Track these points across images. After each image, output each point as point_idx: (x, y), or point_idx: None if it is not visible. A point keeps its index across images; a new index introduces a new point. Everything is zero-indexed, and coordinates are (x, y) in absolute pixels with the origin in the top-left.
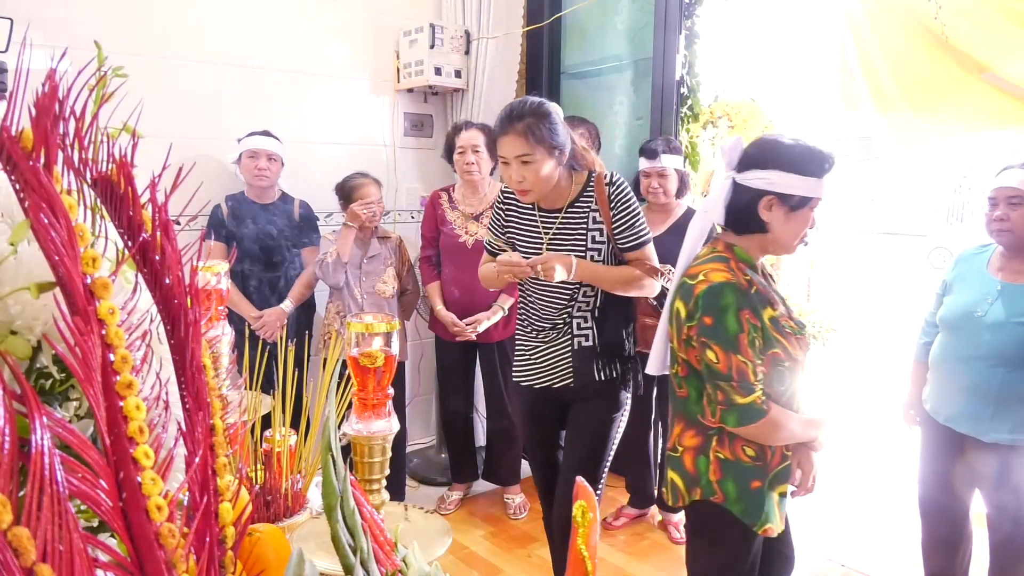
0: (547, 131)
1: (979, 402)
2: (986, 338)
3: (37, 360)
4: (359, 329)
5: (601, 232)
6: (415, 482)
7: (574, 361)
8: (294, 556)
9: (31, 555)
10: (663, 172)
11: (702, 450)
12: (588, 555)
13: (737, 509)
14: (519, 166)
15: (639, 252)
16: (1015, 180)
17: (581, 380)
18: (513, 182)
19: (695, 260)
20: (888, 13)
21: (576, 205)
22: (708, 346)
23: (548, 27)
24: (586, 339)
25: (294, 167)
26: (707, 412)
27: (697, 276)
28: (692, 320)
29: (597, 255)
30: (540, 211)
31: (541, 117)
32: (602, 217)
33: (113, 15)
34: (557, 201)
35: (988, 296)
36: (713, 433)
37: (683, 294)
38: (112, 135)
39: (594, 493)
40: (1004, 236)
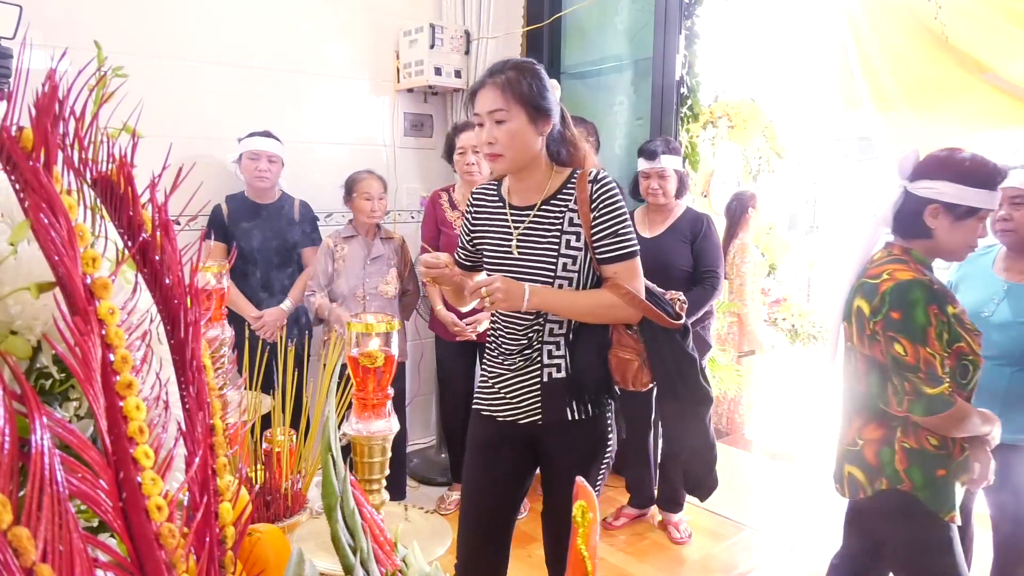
0: (528, 87)
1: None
2: (993, 338)
3: (37, 360)
4: (359, 329)
5: (578, 236)
6: (415, 482)
7: (543, 395)
8: (294, 556)
9: (31, 555)
10: (663, 173)
11: (886, 441)
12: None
13: (924, 496)
14: (492, 125)
15: (621, 266)
16: (1018, 180)
17: (550, 417)
18: (483, 144)
19: (871, 263)
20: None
21: (552, 202)
22: (896, 339)
23: (548, 27)
24: (557, 370)
25: (294, 167)
26: (893, 402)
27: (880, 275)
28: (878, 316)
29: (571, 263)
30: (511, 208)
31: (524, 71)
32: (581, 219)
33: (113, 15)
34: (532, 195)
35: (995, 296)
36: (897, 424)
37: (865, 292)
38: (112, 135)
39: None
40: (1008, 236)
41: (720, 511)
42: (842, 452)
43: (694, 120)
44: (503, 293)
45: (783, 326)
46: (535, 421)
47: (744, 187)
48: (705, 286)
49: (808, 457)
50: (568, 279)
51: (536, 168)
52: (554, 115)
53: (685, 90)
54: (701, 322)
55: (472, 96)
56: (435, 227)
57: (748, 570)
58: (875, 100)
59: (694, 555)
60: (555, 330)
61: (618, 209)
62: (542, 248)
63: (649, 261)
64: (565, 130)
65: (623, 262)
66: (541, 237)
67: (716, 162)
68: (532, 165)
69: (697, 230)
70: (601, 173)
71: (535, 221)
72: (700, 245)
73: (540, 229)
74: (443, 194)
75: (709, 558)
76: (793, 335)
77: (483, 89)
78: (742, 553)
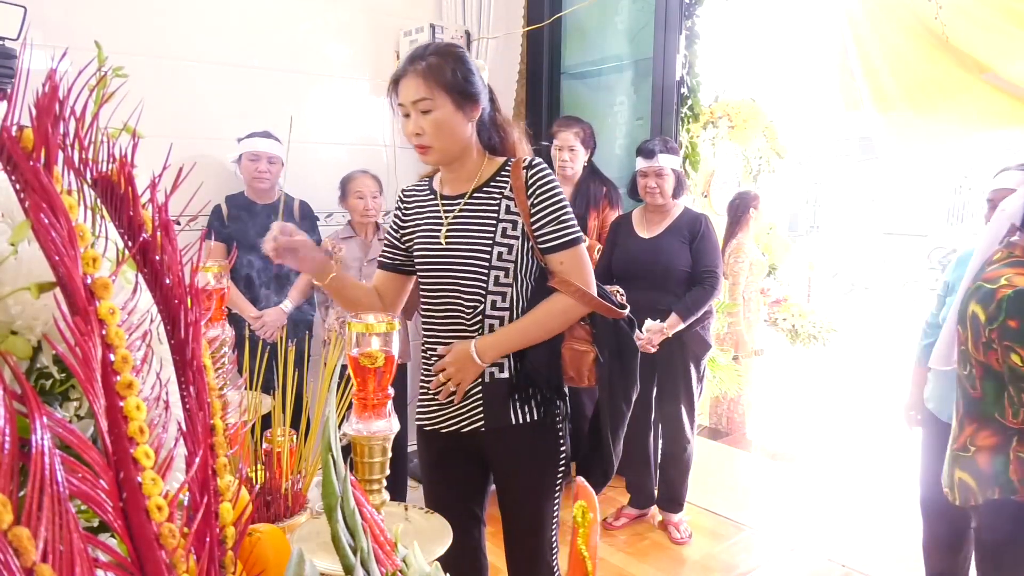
0: (452, 73)
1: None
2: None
3: (37, 360)
4: (359, 329)
5: (515, 225)
6: (415, 482)
7: (484, 398)
8: (294, 556)
9: (31, 555)
10: (660, 172)
11: (1000, 449)
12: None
13: None
14: (417, 116)
15: (565, 255)
16: (1013, 181)
17: (493, 422)
18: (410, 135)
19: (989, 264)
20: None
21: (486, 190)
22: (1013, 349)
23: (548, 27)
24: (500, 369)
25: (294, 167)
26: (1008, 413)
27: (999, 280)
28: (994, 324)
29: (506, 252)
30: (443, 198)
31: (447, 57)
32: (518, 207)
33: (113, 15)
34: (463, 184)
35: None
36: (1014, 433)
37: (981, 298)
38: (112, 135)
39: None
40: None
41: (720, 511)
42: (953, 456)
43: (694, 120)
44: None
45: (783, 326)
46: (478, 427)
47: (745, 187)
48: (704, 286)
49: (808, 457)
50: (504, 269)
51: (468, 157)
52: (482, 99)
53: (685, 90)
54: (701, 322)
55: (394, 85)
56: None
57: (748, 570)
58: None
59: (694, 555)
60: (496, 327)
61: (557, 195)
62: (475, 237)
63: (648, 262)
64: (496, 113)
65: (567, 250)
66: (474, 226)
67: (716, 162)
68: (464, 154)
69: (696, 230)
70: (535, 160)
71: (466, 209)
72: (699, 245)
73: (473, 218)
74: None
75: (709, 558)
76: (793, 335)
77: (404, 78)
78: (742, 553)
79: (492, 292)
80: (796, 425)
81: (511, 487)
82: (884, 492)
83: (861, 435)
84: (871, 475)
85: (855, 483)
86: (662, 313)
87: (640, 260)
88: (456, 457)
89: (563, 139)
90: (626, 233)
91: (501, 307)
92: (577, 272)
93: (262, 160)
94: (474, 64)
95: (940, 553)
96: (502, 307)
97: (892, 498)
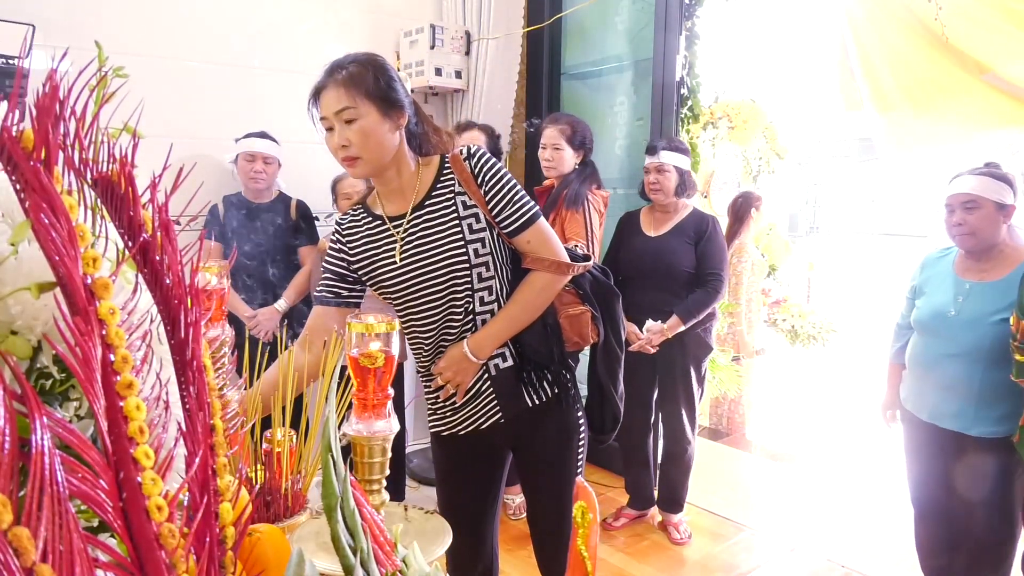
0: (374, 81)
1: (962, 399)
2: (961, 336)
3: (37, 360)
4: (359, 329)
5: (478, 218)
6: (415, 482)
7: (496, 390)
8: (294, 556)
9: (31, 555)
10: (661, 167)
11: None
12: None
13: None
14: (342, 127)
15: (528, 233)
16: (967, 186)
17: (510, 411)
18: (336, 148)
19: None
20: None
21: (434, 194)
22: None
23: (548, 28)
24: (503, 359)
25: (294, 167)
26: None
27: None
28: None
29: (481, 247)
30: (390, 219)
31: (366, 65)
32: (473, 199)
33: (113, 15)
34: (405, 197)
35: (959, 296)
36: None
37: None
38: (112, 135)
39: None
40: (967, 240)
41: (720, 512)
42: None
43: (694, 121)
44: (455, 375)
45: (783, 327)
46: (497, 420)
47: (745, 188)
48: (708, 288)
49: (808, 457)
50: (484, 263)
51: (402, 166)
52: (407, 107)
53: (685, 91)
54: (703, 324)
55: (315, 97)
56: None
57: (748, 570)
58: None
59: (694, 556)
60: (486, 319)
61: (503, 176)
62: (445, 242)
63: (652, 261)
64: (420, 121)
65: (530, 228)
66: (438, 232)
67: (716, 163)
68: (395, 164)
69: (702, 231)
70: (472, 147)
71: (416, 221)
72: (704, 247)
73: (432, 225)
74: None
75: (709, 558)
76: (793, 336)
77: (325, 90)
78: (742, 553)
79: (479, 289)
80: (796, 425)
81: (536, 464)
82: (884, 492)
83: (861, 435)
84: (871, 475)
85: (855, 483)
86: (665, 314)
87: (644, 259)
88: (474, 458)
89: (547, 136)
90: (632, 231)
91: (488, 301)
92: (545, 246)
93: (258, 160)
94: (396, 72)
95: (937, 551)
96: (489, 301)
97: (892, 498)
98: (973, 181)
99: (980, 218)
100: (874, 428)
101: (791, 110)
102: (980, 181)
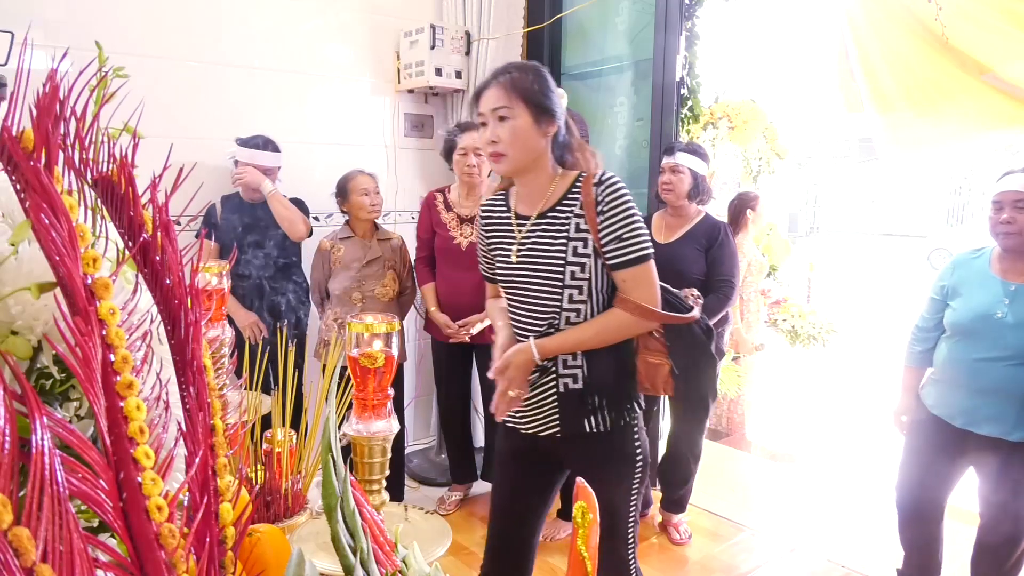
0: (531, 86)
1: (1003, 402)
2: (1009, 339)
3: (38, 360)
4: (359, 329)
5: (586, 243)
6: (415, 483)
7: (560, 406)
8: (294, 556)
9: (31, 555)
10: (676, 168)
11: None
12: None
13: None
14: (495, 123)
15: (628, 272)
16: (1020, 184)
17: (568, 429)
18: (486, 143)
19: None
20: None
21: (558, 209)
22: None
23: (549, 28)
24: (574, 380)
25: (295, 168)
26: None
27: None
28: None
29: (580, 271)
30: (517, 216)
31: (527, 70)
32: (587, 224)
33: (114, 15)
34: (536, 201)
35: (1003, 298)
36: None
37: None
38: (113, 135)
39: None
40: (1011, 239)
41: (720, 512)
42: None
43: (694, 121)
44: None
45: (783, 327)
46: (554, 434)
47: (744, 188)
48: (719, 295)
49: (808, 457)
50: (578, 287)
51: (540, 172)
52: (558, 118)
53: (685, 91)
54: (716, 329)
55: (476, 97)
56: (430, 228)
57: (748, 571)
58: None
59: (695, 556)
60: None
61: (624, 212)
62: (548, 257)
63: (662, 267)
64: (570, 137)
65: (631, 268)
66: (547, 245)
67: (716, 163)
68: (536, 168)
69: (713, 237)
70: (608, 174)
71: (535, 229)
72: (716, 253)
73: (545, 237)
74: (438, 195)
75: (709, 559)
76: (793, 336)
77: (488, 89)
78: (743, 554)
79: (567, 309)
80: (796, 425)
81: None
82: (884, 493)
83: (861, 436)
84: (871, 476)
85: (855, 483)
86: None
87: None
88: (530, 456)
89: None
90: None
91: (574, 321)
92: (639, 289)
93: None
94: (554, 85)
95: (919, 555)
96: (575, 322)
97: (892, 499)
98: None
99: None
100: (874, 428)
101: (791, 110)
102: None
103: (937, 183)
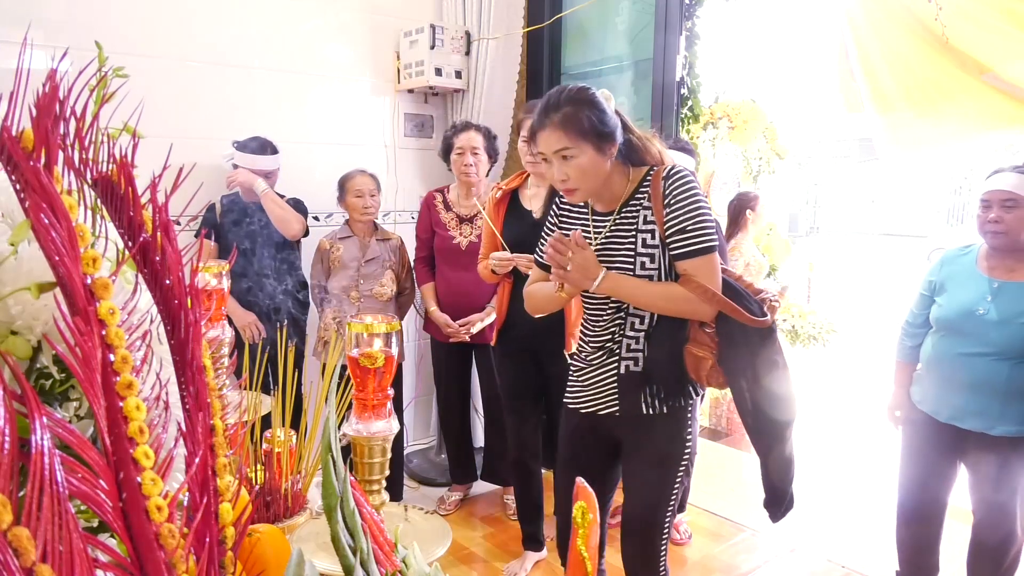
0: (588, 120)
1: (987, 397)
2: (992, 335)
3: (37, 360)
4: (359, 330)
5: (653, 235)
6: (415, 483)
7: (619, 387)
8: (294, 556)
9: (31, 555)
10: None
11: None
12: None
13: None
14: (560, 162)
15: (691, 263)
16: (1008, 183)
17: (626, 409)
18: (556, 181)
19: None
20: (888, 14)
21: (631, 204)
22: None
23: (549, 28)
24: (634, 363)
25: (295, 168)
26: None
27: None
28: None
29: (650, 261)
30: (593, 214)
31: (580, 104)
32: (655, 216)
33: (114, 15)
34: (611, 202)
35: (987, 295)
36: None
37: None
38: (112, 135)
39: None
40: (999, 238)
41: (720, 512)
42: None
43: (694, 121)
44: (579, 267)
45: (783, 327)
46: (612, 412)
47: (744, 188)
48: None
49: (808, 458)
50: (648, 277)
51: (612, 180)
52: (618, 135)
53: (685, 91)
54: None
55: (532, 136)
56: (429, 228)
57: (749, 571)
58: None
59: (695, 556)
60: (636, 324)
61: (690, 204)
62: (622, 252)
63: None
64: (631, 137)
65: (695, 259)
66: (621, 238)
67: (716, 163)
68: (607, 181)
69: None
70: (675, 168)
71: (616, 226)
72: None
73: (620, 234)
74: (437, 195)
75: (710, 559)
76: (793, 336)
77: (543, 131)
78: (743, 554)
79: None
80: (796, 426)
81: (636, 468)
82: (884, 493)
83: (861, 436)
84: (871, 475)
85: (855, 483)
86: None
87: None
88: (589, 435)
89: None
90: None
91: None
92: (701, 277)
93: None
94: (603, 103)
95: (918, 555)
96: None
97: (892, 498)
98: (1015, 179)
99: (1017, 217)
100: (874, 428)
101: (791, 110)
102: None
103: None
